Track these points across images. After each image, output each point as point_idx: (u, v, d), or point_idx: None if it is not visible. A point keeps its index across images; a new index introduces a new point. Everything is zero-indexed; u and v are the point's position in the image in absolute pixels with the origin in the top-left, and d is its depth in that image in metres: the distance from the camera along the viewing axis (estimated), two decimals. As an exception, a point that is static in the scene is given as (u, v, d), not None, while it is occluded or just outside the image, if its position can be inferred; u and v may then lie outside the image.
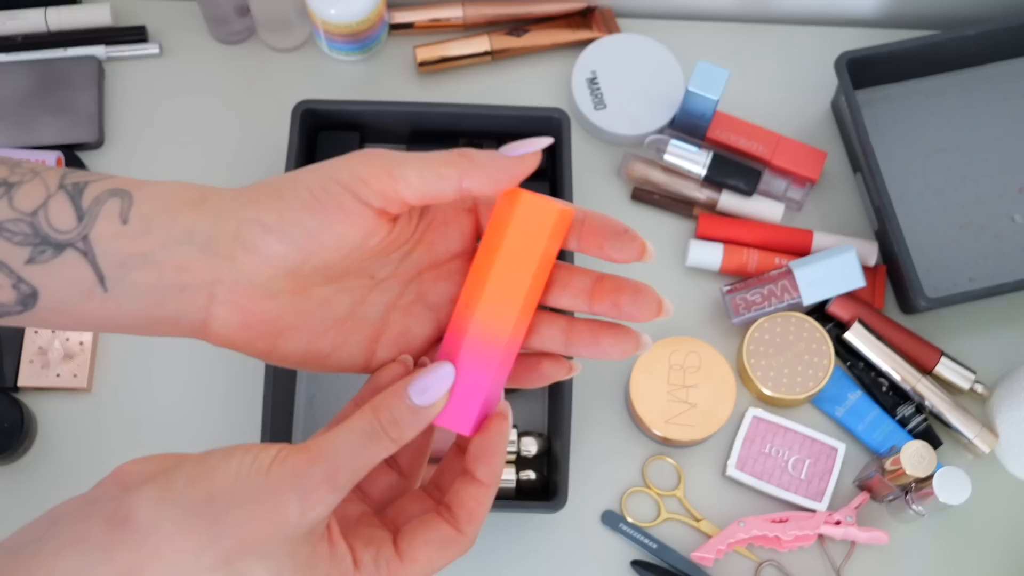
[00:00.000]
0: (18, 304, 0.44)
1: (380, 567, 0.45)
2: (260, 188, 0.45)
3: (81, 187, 0.44)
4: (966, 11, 1.08)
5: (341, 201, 0.44)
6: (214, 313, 0.45)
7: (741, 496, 0.96)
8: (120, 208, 0.44)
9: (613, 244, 0.47)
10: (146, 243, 0.44)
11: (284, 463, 0.42)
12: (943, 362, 0.97)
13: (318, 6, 0.99)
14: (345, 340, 0.48)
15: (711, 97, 0.98)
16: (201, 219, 0.44)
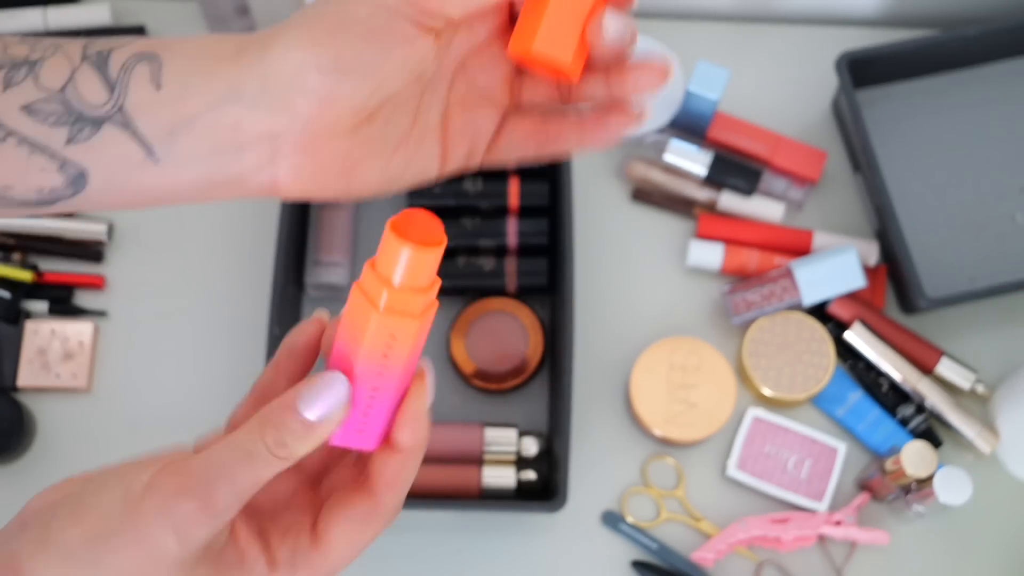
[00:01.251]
0: (68, 187, 0.42)
1: (297, 561, 0.41)
2: (302, 28, 0.42)
3: (105, 55, 0.42)
4: (967, 10, 1.08)
5: (397, 27, 0.42)
6: (281, 167, 0.42)
7: (741, 496, 0.96)
8: (151, 72, 0.41)
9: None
10: (188, 106, 0.41)
11: (156, 492, 0.39)
12: (944, 362, 0.97)
13: (318, 6, 0.99)
14: (416, 152, 0.45)
15: (711, 97, 0.97)
16: (245, 71, 0.41)
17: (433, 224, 0.40)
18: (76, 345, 0.97)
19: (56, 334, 0.97)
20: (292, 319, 0.96)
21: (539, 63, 0.45)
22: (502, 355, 0.96)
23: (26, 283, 0.98)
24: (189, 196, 0.43)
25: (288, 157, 0.42)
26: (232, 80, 0.41)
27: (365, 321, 0.40)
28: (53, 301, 0.98)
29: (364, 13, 0.42)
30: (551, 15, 0.43)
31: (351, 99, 0.42)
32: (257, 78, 0.41)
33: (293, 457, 0.40)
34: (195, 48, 0.42)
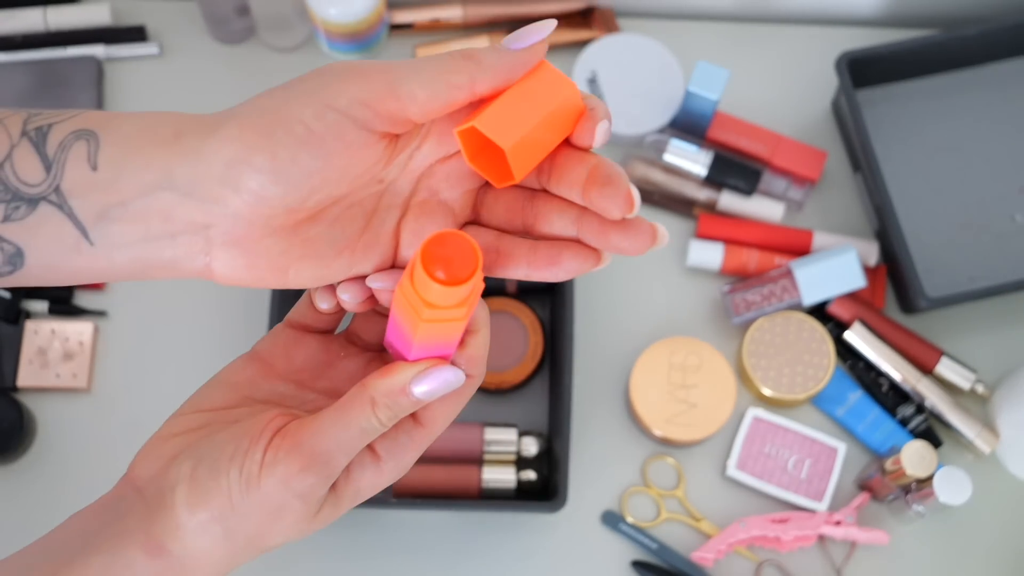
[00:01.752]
0: (6, 264, 0.41)
1: (400, 445, 0.44)
2: (243, 121, 0.40)
3: (45, 131, 0.41)
4: (967, 10, 1.08)
5: (342, 132, 0.40)
6: (215, 256, 0.42)
7: (741, 496, 0.96)
8: (87, 152, 0.40)
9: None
10: (122, 191, 0.40)
11: (275, 471, 0.41)
12: (943, 362, 0.97)
13: (318, 6, 0.99)
14: (363, 255, 0.44)
15: (711, 97, 0.97)
16: (179, 160, 0.40)
17: (465, 246, 0.39)
18: (76, 345, 0.97)
19: (56, 334, 0.97)
20: (292, 319, 0.96)
21: (484, 146, 0.43)
22: (502, 355, 0.96)
23: (26, 283, 0.98)
24: (125, 276, 0.43)
25: (221, 248, 0.41)
26: (166, 166, 0.40)
27: (412, 323, 0.41)
28: (53, 301, 0.98)
29: (308, 114, 0.40)
30: (507, 100, 0.41)
31: (284, 200, 0.41)
32: (191, 167, 0.40)
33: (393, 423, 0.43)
34: (135, 127, 0.41)
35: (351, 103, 0.40)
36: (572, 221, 0.43)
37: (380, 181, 0.43)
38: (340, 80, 0.41)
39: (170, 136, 0.41)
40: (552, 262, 0.43)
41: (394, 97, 0.40)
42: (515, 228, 0.45)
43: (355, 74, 0.41)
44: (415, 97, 0.40)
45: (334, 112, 0.40)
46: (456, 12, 1.06)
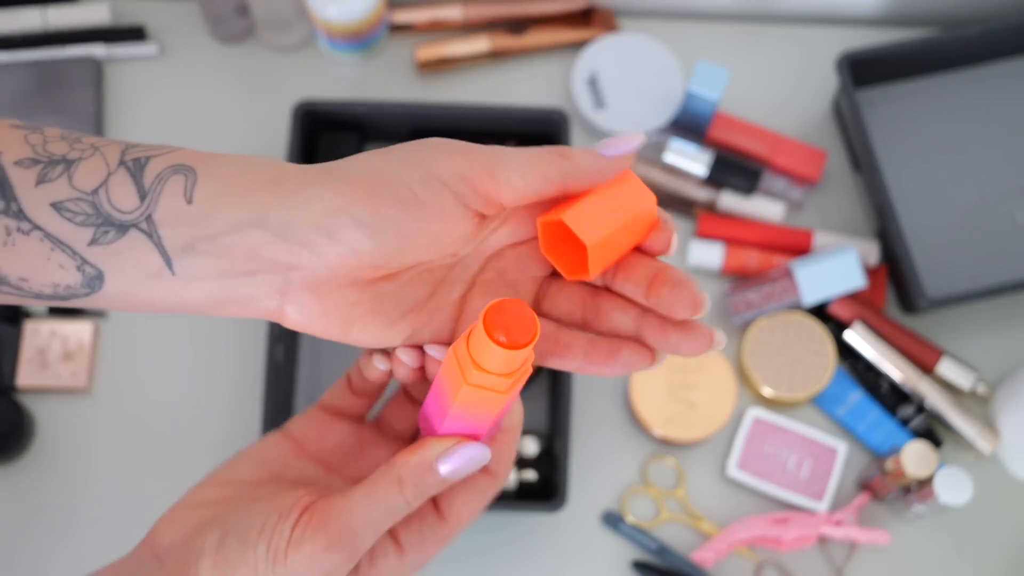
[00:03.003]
0: (84, 286, 0.42)
1: (425, 538, 0.45)
2: (349, 176, 0.42)
3: (143, 163, 0.42)
4: (967, 10, 1.08)
5: (442, 203, 0.42)
6: (291, 299, 0.43)
7: (741, 496, 0.96)
8: (184, 186, 0.42)
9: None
10: (212, 226, 0.41)
11: (302, 548, 0.42)
12: (944, 362, 0.97)
13: (318, 6, 0.99)
14: (425, 322, 0.45)
15: (711, 97, 0.97)
16: (276, 202, 0.41)
17: (527, 317, 0.40)
18: (76, 345, 0.97)
19: (56, 334, 0.97)
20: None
21: (561, 240, 0.45)
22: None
23: (25, 283, 0.98)
24: (197, 309, 0.44)
25: (299, 291, 0.43)
26: (261, 206, 0.41)
27: (455, 386, 0.42)
28: (53, 301, 0.98)
29: (415, 179, 0.42)
30: (593, 201, 0.43)
31: (373, 256, 0.42)
32: (287, 210, 0.41)
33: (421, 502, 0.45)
34: (233, 168, 0.42)
35: (455, 177, 0.42)
36: (633, 319, 0.45)
37: (454, 254, 0.45)
38: (445, 154, 0.42)
39: (269, 179, 0.42)
40: (610, 357, 0.45)
41: (492, 179, 0.42)
42: (574, 321, 0.47)
43: (459, 151, 0.43)
44: (512, 183, 0.42)
45: (439, 182, 0.42)
46: (456, 12, 1.06)
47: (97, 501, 0.94)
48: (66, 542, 0.93)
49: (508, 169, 0.42)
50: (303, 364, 0.98)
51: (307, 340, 0.99)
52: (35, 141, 0.42)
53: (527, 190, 0.42)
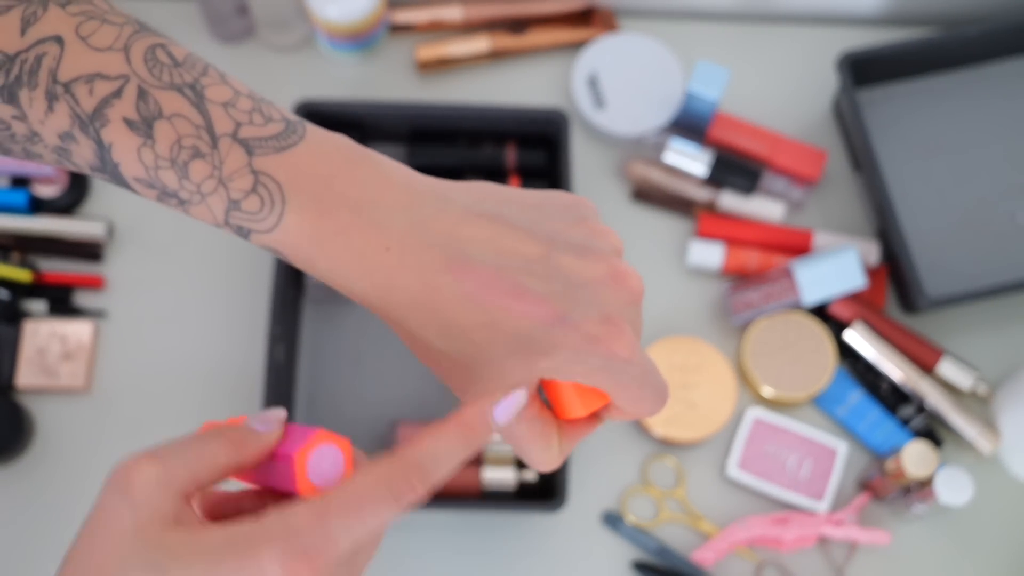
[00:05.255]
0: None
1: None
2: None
3: (245, 232, 0.43)
4: (968, 10, 1.08)
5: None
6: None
7: (741, 496, 0.96)
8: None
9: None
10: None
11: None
12: (944, 362, 0.97)
13: (318, 6, 0.99)
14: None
15: (711, 97, 0.97)
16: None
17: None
18: (75, 345, 0.97)
19: (55, 334, 0.97)
20: (292, 319, 0.96)
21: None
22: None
23: (25, 283, 0.98)
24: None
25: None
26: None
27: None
28: (52, 301, 0.98)
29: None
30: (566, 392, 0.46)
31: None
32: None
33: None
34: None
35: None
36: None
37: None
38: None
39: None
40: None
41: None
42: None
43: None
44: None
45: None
46: (456, 12, 1.06)
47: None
48: (65, 542, 0.93)
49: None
50: (303, 364, 0.98)
51: (307, 340, 0.99)
52: (148, 161, 0.42)
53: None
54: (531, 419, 0.46)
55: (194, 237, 1.02)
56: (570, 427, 0.47)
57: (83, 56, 0.41)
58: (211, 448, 0.40)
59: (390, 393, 0.96)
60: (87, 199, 1.02)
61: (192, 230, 1.02)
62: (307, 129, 0.43)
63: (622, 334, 0.44)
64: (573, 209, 0.46)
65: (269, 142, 0.42)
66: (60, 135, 0.42)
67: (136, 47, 0.42)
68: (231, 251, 1.01)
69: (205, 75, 0.43)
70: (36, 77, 0.41)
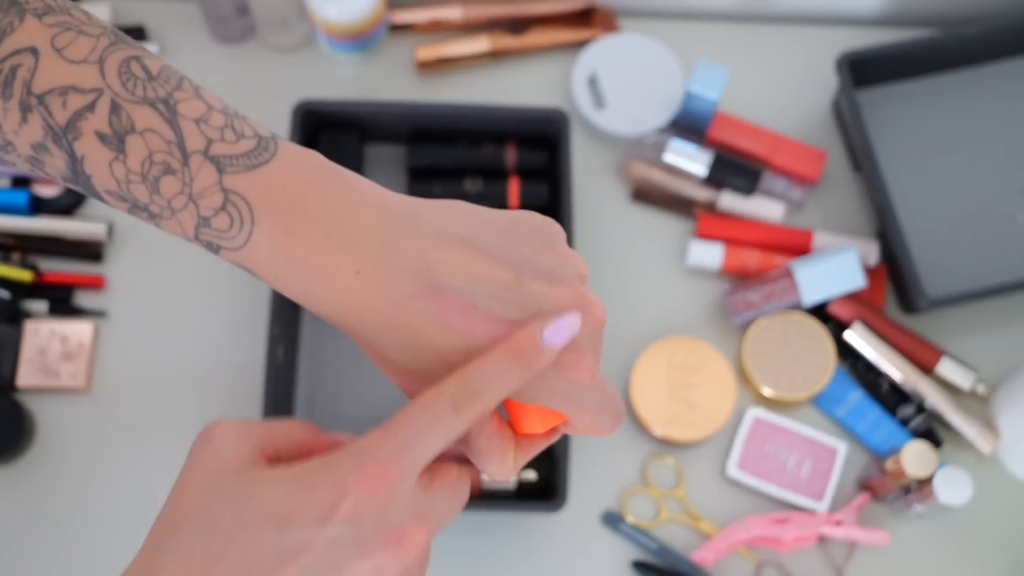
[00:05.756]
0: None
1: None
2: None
3: (215, 248, 0.43)
4: (967, 10, 1.08)
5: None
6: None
7: (741, 496, 0.96)
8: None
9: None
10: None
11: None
12: (944, 362, 0.97)
13: (318, 6, 0.99)
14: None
15: (711, 97, 0.97)
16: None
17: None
18: (76, 345, 0.97)
19: (56, 334, 0.97)
20: (292, 319, 0.96)
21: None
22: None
23: (26, 283, 0.98)
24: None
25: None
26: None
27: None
28: (53, 301, 0.98)
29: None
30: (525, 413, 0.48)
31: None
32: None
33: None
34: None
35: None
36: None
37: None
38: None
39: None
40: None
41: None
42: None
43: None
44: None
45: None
46: (456, 12, 1.06)
47: (97, 501, 0.94)
48: (66, 541, 0.93)
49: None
50: (303, 364, 0.98)
51: (307, 340, 0.99)
52: (119, 175, 0.42)
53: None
54: (490, 434, 0.47)
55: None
56: (527, 440, 0.49)
57: (57, 68, 0.42)
58: (288, 425, 0.43)
59: (390, 393, 0.96)
60: (88, 200, 1.02)
61: (192, 230, 1.02)
62: (279, 146, 0.43)
63: (585, 361, 0.46)
64: (542, 233, 0.47)
65: (240, 159, 0.43)
66: (33, 146, 0.42)
67: (111, 60, 0.42)
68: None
69: (179, 89, 0.43)
70: (11, 88, 0.42)
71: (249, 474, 0.40)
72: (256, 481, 0.39)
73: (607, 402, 0.47)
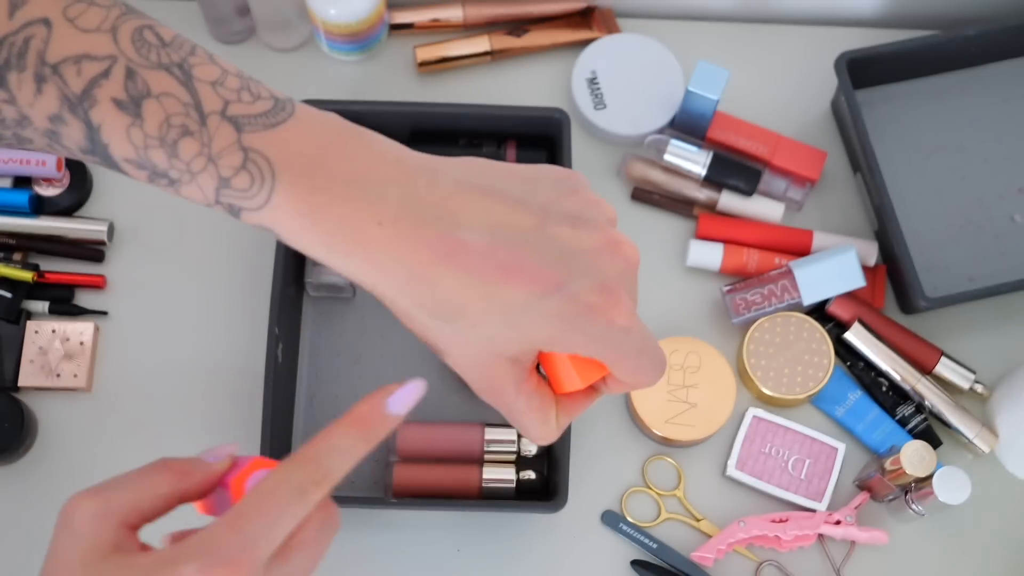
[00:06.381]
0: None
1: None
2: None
3: (236, 211, 0.43)
4: (966, 11, 1.08)
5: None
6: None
7: (741, 496, 0.96)
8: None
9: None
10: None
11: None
12: (943, 362, 0.97)
13: (318, 6, 0.99)
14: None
15: (711, 97, 0.98)
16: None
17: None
18: (77, 345, 0.97)
19: (57, 334, 0.97)
20: (292, 319, 0.96)
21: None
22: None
23: (27, 283, 0.98)
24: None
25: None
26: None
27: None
28: (54, 301, 0.99)
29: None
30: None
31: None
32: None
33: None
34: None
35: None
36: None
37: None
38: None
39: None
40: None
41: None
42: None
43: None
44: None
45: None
46: (456, 12, 1.07)
47: (98, 500, 0.94)
48: (67, 541, 0.93)
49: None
50: (303, 364, 0.98)
51: (307, 340, 0.99)
52: (137, 141, 0.42)
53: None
54: (529, 393, 0.45)
55: (195, 237, 1.02)
56: (568, 401, 0.47)
57: (71, 38, 0.41)
58: (152, 479, 0.43)
59: (390, 393, 0.97)
60: (89, 200, 1.02)
61: (193, 231, 1.02)
62: (296, 107, 0.43)
63: (620, 302, 0.43)
64: (565, 181, 0.46)
65: (258, 119, 0.42)
66: (50, 117, 0.42)
67: (124, 28, 0.42)
68: (232, 252, 1.01)
69: (193, 55, 0.43)
70: (24, 59, 0.41)
71: (103, 569, 0.39)
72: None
73: (647, 347, 0.44)
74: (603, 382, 0.47)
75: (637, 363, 0.44)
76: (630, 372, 0.45)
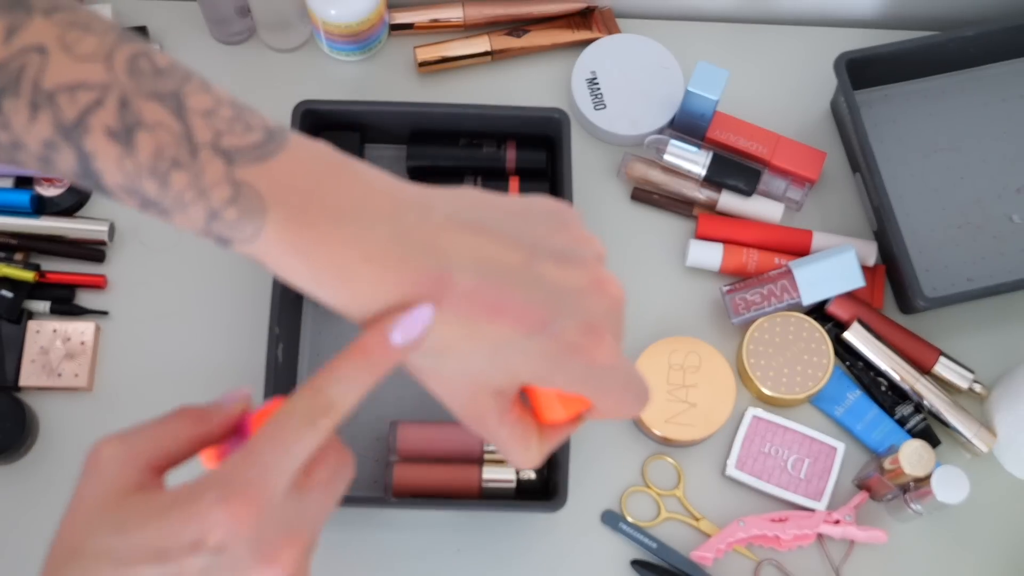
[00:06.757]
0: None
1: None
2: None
3: (226, 241, 0.43)
4: (965, 12, 1.08)
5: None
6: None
7: (741, 496, 0.96)
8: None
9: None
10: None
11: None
12: (942, 362, 0.97)
13: (318, 6, 0.99)
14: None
15: (711, 97, 0.98)
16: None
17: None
18: (78, 345, 0.97)
19: (58, 334, 0.97)
20: (292, 319, 0.96)
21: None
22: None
23: (28, 283, 0.99)
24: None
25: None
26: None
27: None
28: (55, 301, 0.99)
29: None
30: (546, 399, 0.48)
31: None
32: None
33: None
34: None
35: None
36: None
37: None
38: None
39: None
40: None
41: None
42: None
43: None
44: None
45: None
46: (456, 12, 1.07)
47: (99, 500, 0.94)
48: (68, 541, 0.94)
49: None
50: (303, 364, 0.98)
51: (307, 340, 0.99)
52: (129, 170, 0.42)
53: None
54: (512, 424, 0.46)
55: (195, 238, 1.02)
56: (551, 428, 0.48)
57: (66, 65, 0.42)
58: (173, 424, 0.45)
59: (389, 393, 0.97)
60: (90, 200, 1.02)
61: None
62: (288, 137, 0.43)
63: (603, 342, 0.44)
64: (557, 215, 0.46)
65: (250, 151, 0.42)
66: (43, 143, 0.42)
67: (119, 56, 0.42)
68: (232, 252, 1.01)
69: (187, 83, 0.43)
70: (19, 86, 0.42)
71: (127, 505, 0.40)
72: (132, 513, 0.40)
73: (630, 383, 0.45)
74: (587, 411, 0.48)
75: (620, 398, 0.46)
76: (612, 406, 0.46)
